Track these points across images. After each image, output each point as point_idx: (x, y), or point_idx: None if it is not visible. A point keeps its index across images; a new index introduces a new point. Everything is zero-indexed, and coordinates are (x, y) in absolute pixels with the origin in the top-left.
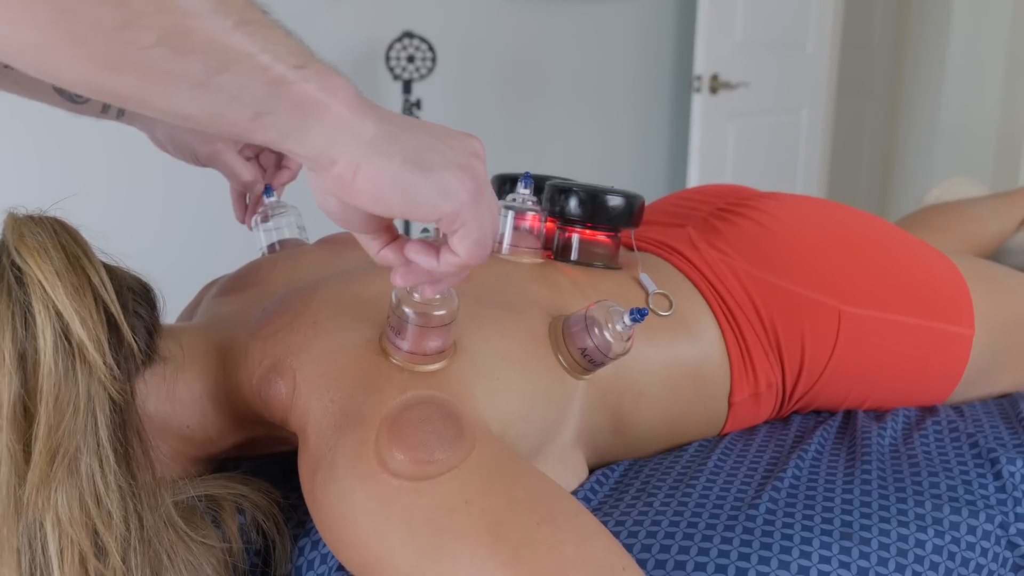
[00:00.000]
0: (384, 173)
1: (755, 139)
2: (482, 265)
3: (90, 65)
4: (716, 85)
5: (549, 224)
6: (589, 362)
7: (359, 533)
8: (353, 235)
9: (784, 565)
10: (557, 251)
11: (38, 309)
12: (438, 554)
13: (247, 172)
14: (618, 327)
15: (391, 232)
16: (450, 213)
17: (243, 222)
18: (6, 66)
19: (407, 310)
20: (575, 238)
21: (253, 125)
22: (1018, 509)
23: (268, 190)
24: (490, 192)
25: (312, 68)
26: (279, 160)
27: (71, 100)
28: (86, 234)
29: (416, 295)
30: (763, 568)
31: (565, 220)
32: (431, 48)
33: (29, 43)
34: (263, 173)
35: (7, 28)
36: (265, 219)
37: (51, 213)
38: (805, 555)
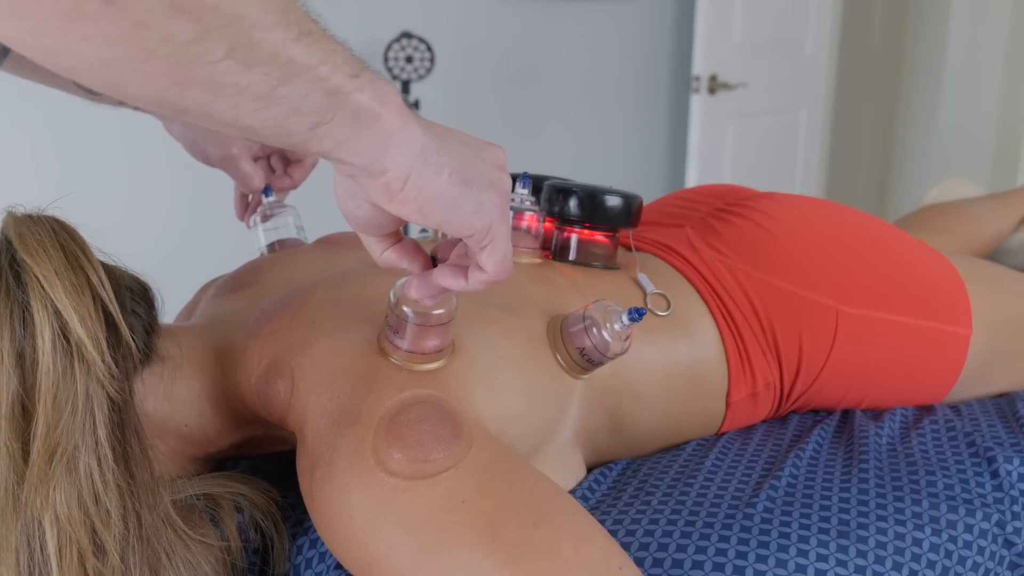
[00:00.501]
0: (433, 185)
1: (753, 140)
2: None
3: (159, 80)
4: (715, 86)
5: (547, 224)
6: (587, 361)
7: (357, 532)
8: (357, 236)
9: (781, 563)
10: (555, 251)
11: (36, 308)
12: (435, 554)
13: (258, 178)
14: (616, 327)
15: (397, 235)
16: (481, 229)
17: (242, 219)
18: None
19: (406, 309)
20: (573, 238)
21: (310, 135)
22: (1015, 508)
23: (267, 190)
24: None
25: (365, 77)
26: (286, 165)
27: (88, 91)
28: (85, 233)
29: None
30: (760, 567)
31: (563, 220)
32: (429, 48)
33: (100, 59)
34: (272, 175)
35: (79, 44)
36: (264, 218)
37: (50, 212)
38: (802, 553)
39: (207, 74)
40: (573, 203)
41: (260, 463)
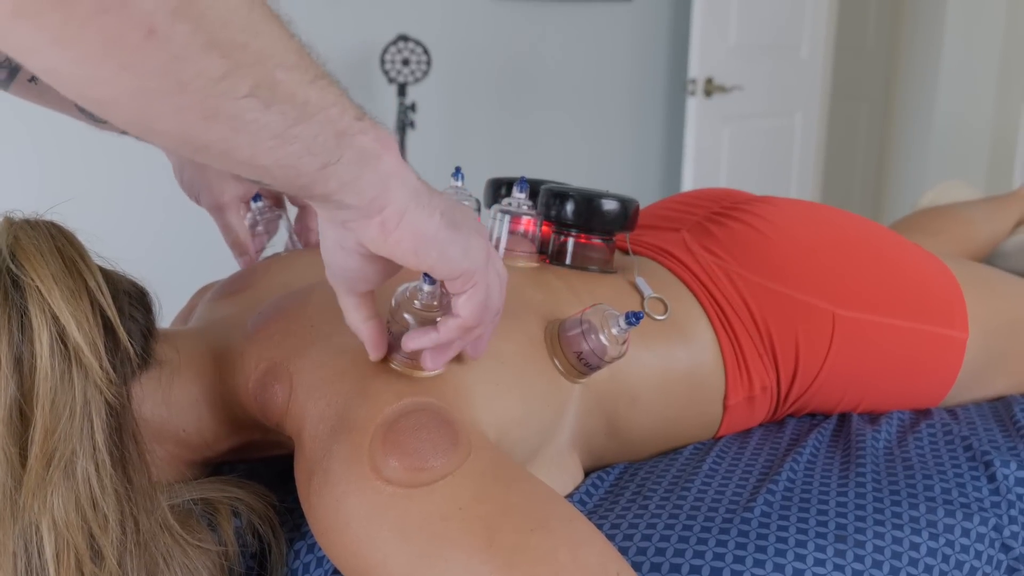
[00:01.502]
0: (428, 226)
1: (749, 143)
2: None
3: (188, 114)
4: (710, 88)
5: (544, 228)
6: (585, 366)
7: (353, 540)
8: (340, 297)
9: (779, 568)
10: (552, 255)
11: (34, 313)
12: (432, 561)
13: (242, 233)
14: (614, 331)
15: (372, 297)
16: (467, 272)
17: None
18: (31, 79)
19: (407, 316)
20: (570, 242)
21: (319, 175)
22: (1012, 512)
23: (256, 196)
24: (497, 258)
25: (367, 121)
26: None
27: (91, 117)
28: (83, 237)
29: (417, 302)
30: (758, 571)
31: (560, 224)
32: (426, 51)
33: (135, 89)
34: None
35: (117, 74)
36: (254, 224)
37: (48, 217)
38: (800, 558)
39: (231, 110)
40: (570, 207)
41: (257, 467)
